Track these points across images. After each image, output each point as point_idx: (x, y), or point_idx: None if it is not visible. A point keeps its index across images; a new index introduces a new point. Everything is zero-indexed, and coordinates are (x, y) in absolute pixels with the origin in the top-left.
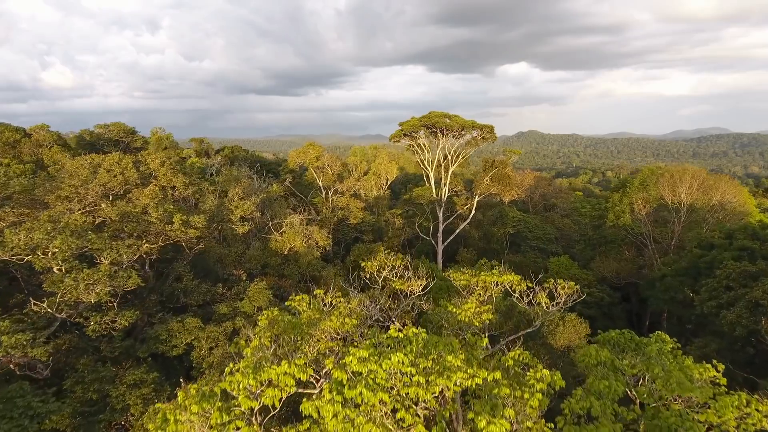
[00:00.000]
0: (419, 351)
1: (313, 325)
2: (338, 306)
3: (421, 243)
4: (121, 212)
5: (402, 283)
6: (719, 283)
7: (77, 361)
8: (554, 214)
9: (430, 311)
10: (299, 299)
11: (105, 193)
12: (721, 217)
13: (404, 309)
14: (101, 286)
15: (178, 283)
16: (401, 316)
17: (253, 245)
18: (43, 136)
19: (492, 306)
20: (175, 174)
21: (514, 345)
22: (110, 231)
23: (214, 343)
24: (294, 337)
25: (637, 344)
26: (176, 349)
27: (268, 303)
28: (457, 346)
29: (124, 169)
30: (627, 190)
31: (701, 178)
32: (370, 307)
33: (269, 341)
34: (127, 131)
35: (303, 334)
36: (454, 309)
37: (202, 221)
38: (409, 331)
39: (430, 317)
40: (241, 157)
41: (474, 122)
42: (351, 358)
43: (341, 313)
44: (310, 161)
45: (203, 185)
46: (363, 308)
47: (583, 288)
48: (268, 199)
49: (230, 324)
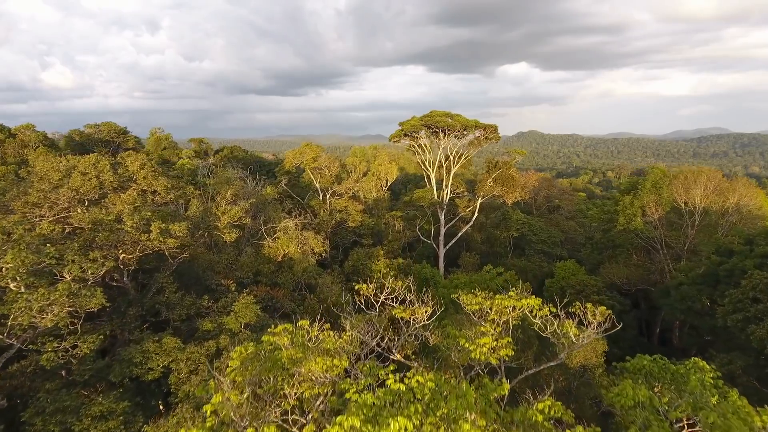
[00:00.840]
0: (426, 406)
1: (296, 364)
2: (326, 340)
3: (422, 246)
4: (93, 220)
5: (403, 310)
6: (744, 294)
7: (43, 386)
8: (558, 216)
9: (437, 343)
10: (280, 331)
11: (80, 199)
12: (735, 221)
13: (406, 339)
14: (59, 307)
15: (159, 296)
16: (403, 346)
17: (246, 251)
18: (28, 137)
19: (509, 338)
20: (156, 177)
21: (535, 381)
22: (80, 241)
23: (194, 366)
24: (273, 378)
25: (672, 374)
26: (152, 372)
27: (256, 318)
28: (472, 398)
29: (100, 171)
30: (638, 192)
31: (716, 180)
32: (367, 334)
33: (236, 395)
34: (119, 131)
35: (283, 377)
36: (466, 344)
37: (183, 229)
38: (412, 381)
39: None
40: (240, 158)
41: (477, 122)
42: (337, 430)
43: (329, 351)
44: (307, 162)
45: (188, 189)
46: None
47: (591, 295)
48: (262, 203)
49: (213, 343)
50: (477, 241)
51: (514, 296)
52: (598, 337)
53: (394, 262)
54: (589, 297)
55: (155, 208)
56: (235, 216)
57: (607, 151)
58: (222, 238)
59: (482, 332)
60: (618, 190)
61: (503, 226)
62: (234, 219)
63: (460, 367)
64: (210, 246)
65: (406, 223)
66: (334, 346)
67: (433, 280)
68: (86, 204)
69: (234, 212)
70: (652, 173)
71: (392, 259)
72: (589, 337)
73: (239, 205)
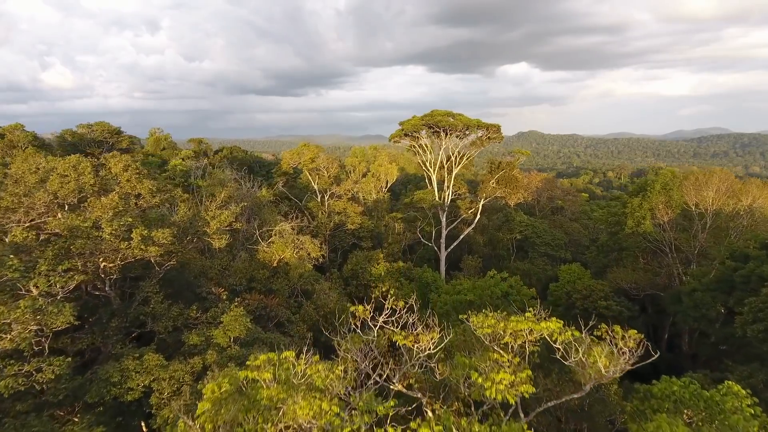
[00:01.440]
0: None
1: (280, 405)
2: (316, 375)
3: (423, 249)
4: (69, 226)
5: (406, 336)
6: (765, 303)
7: (13, 407)
8: (562, 218)
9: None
10: (262, 362)
11: (60, 203)
12: (747, 224)
13: (408, 370)
14: (22, 326)
15: (145, 306)
16: (405, 375)
17: (240, 256)
18: (17, 137)
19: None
20: (140, 180)
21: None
22: (55, 249)
23: (177, 385)
24: (252, 419)
25: (706, 401)
26: (132, 392)
27: (246, 332)
28: None
29: (80, 174)
30: (647, 194)
31: (729, 181)
32: (363, 361)
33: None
34: (112, 131)
35: (264, 420)
36: (479, 379)
37: (168, 236)
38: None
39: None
40: (240, 158)
41: (479, 121)
42: None
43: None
44: (305, 163)
45: (176, 192)
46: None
47: (599, 300)
48: (256, 205)
49: (199, 360)
50: (479, 243)
51: (531, 317)
52: (631, 367)
53: (394, 265)
54: (597, 302)
55: (140, 212)
56: (224, 221)
57: (607, 151)
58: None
59: (497, 362)
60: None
61: (506, 228)
62: (223, 224)
63: (472, 402)
64: (203, 250)
65: (407, 225)
66: (324, 384)
67: (435, 284)
68: (66, 208)
69: (223, 217)
70: (661, 174)
71: (392, 262)
72: (622, 370)
73: (230, 209)
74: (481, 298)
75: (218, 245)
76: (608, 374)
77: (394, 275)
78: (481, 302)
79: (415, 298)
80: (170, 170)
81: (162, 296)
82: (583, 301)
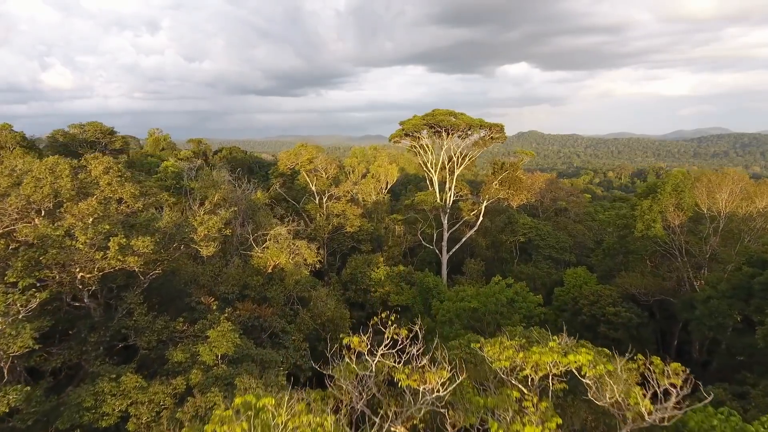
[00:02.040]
0: None
1: None
2: (300, 428)
3: (424, 252)
4: (39, 235)
5: (409, 375)
6: None
7: None
8: (566, 219)
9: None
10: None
11: (37, 208)
12: (761, 227)
13: (412, 413)
14: None
15: (128, 319)
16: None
17: (233, 262)
18: (5, 137)
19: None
20: (122, 183)
21: None
22: (24, 260)
23: (158, 409)
24: None
25: None
26: (107, 418)
27: (235, 348)
28: None
29: (57, 177)
30: (657, 196)
31: (743, 183)
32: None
33: None
34: (105, 131)
35: None
36: (499, 430)
37: (149, 244)
38: None
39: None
40: (239, 158)
41: (482, 121)
42: None
43: None
44: (303, 164)
45: (162, 195)
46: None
47: (607, 306)
48: (251, 208)
49: (182, 380)
50: (482, 246)
51: (555, 348)
52: (680, 412)
53: (394, 269)
54: (605, 308)
55: (124, 218)
56: (212, 227)
57: (607, 151)
58: None
59: (519, 402)
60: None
61: (509, 230)
62: (212, 231)
63: None
64: (194, 256)
65: (407, 227)
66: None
67: (437, 289)
68: (43, 214)
69: (212, 223)
70: (672, 176)
71: (392, 266)
72: (669, 418)
73: (219, 213)
74: (485, 306)
75: (206, 253)
76: (652, 419)
77: (395, 279)
78: (485, 310)
79: (420, 324)
80: (161, 172)
81: (146, 308)
82: (590, 307)
